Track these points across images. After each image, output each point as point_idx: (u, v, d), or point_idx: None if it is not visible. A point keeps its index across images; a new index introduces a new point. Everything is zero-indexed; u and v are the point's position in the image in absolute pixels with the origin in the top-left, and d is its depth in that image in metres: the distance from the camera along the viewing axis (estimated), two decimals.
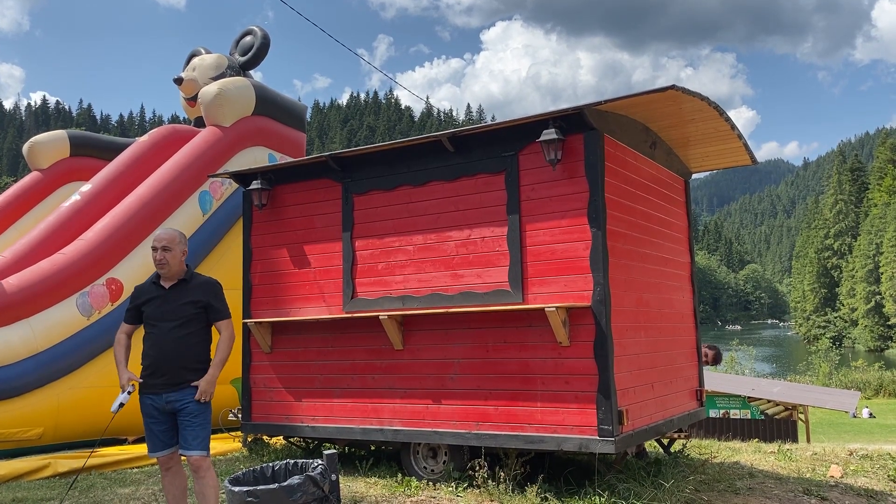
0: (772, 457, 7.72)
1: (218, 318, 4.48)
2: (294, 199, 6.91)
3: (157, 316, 4.38)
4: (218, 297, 4.50)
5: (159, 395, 4.32)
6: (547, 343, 5.47)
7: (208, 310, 4.44)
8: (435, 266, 6.03)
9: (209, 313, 4.46)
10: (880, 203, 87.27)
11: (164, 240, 4.43)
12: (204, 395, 4.34)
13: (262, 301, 6.97)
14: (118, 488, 6.06)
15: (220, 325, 4.50)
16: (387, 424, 6.13)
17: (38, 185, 11.34)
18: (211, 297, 4.46)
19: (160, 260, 4.41)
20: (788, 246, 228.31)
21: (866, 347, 79.77)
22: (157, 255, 4.42)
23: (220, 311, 4.49)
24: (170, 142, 10.52)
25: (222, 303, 4.52)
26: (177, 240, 4.47)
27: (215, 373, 4.41)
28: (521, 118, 5.67)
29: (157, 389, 4.33)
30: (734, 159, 7.14)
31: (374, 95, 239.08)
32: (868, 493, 6.23)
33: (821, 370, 39.84)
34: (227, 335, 4.48)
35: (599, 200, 5.39)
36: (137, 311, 4.50)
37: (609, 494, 5.23)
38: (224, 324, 4.50)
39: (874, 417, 27.94)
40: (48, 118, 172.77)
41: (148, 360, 4.36)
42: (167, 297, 4.41)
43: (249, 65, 11.51)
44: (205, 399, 4.36)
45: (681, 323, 6.85)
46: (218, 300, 4.49)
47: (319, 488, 3.57)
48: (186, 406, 4.31)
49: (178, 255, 4.46)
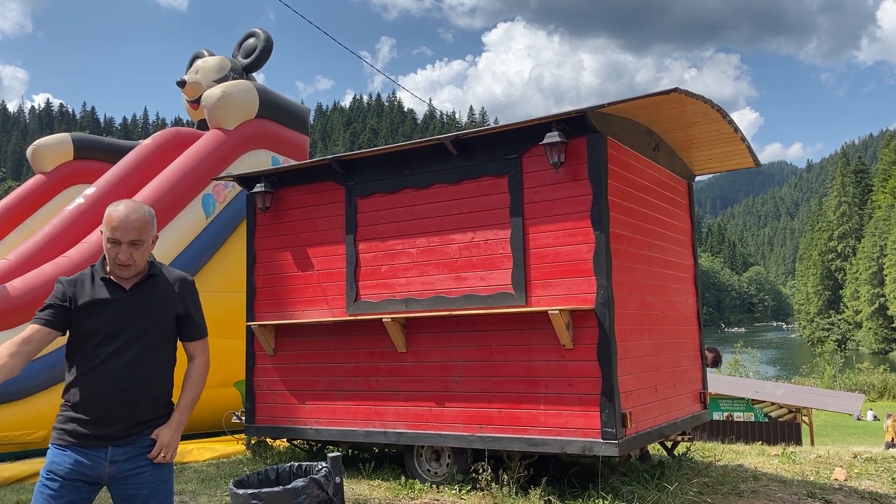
0: (776, 459, 7.70)
1: (195, 335, 3.06)
2: (297, 201, 6.92)
3: (110, 331, 2.83)
4: (197, 304, 3.09)
5: (100, 450, 2.79)
6: (550, 346, 5.47)
7: (185, 323, 3.02)
8: (438, 269, 6.04)
9: (184, 328, 3.03)
10: (884, 205, 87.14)
11: (132, 229, 2.82)
12: (166, 452, 2.87)
13: (266, 304, 6.98)
14: None
15: (196, 346, 3.06)
16: (390, 427, 6.14)
17: (41, 188, 11.37)
18: (190, 304, 3.03)
19: (124, 261, 2.83)
20: (792, 248, 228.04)
21: (870, 350, 79.61)
22: (122, 255, 2.83)
23: (199, 327, 3.07)
24: (173, 145, 10.55)
25: (202, 314, 3.11)
26: (149, 227, 2.89)
27: (183, 419, 2.96)
28: (525, 121, 5.67)
29: (99, 442, 2.79)
30: (737, 162, 7.15)
31: (376, 98, 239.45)
32: (872, 497, 6.21)
33: (825, 373, 39.78)
34: (202, 363, 3.06)
35: (603, 203, 5.39)
36: (64, 315, 2.84)
37: (613, 497, 5.23)
38: (200, 346, 3.08)
39: (879, 420, 27.87)
40: (52, 121, 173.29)
41: (91, 400, 2.79)
42: (128, 302, 2.88)
43: (252, 67, 11.54)
44: (166, 457, 2.88)
45: (684, 325, 6.85)
46: (198, 309, 3.08)
47: (324, 491, 3.57)
48: (141, 474, 2.82)
49: (149, 249, 2.92)
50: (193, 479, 6.48)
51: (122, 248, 2.82)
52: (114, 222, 2.82)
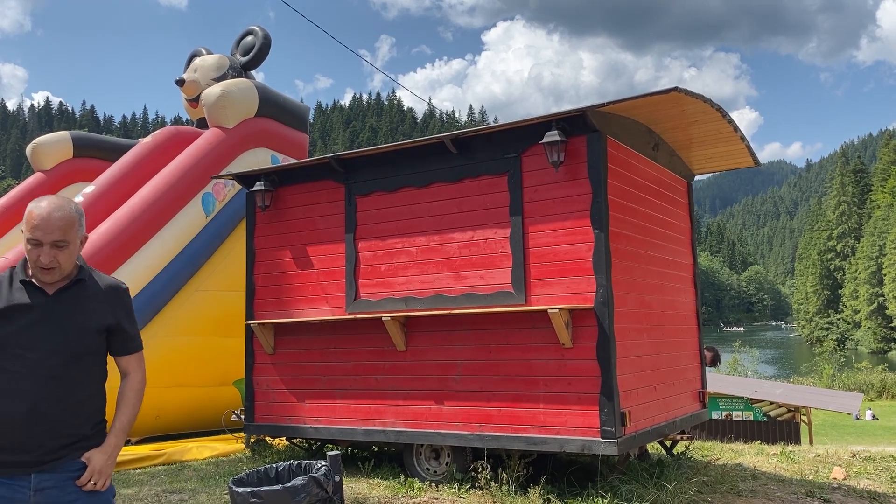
0: (775, 459, 7.71)
1: (128, 348, 2.71)
2: (297, 200, 6.92)
3: (27, 342, 2.46)
4: (131, 314, 2.74)
5: (22, 478, 2.44)
6: (550, 345, 5.47)
7: (116, 335, 2.66)
8: (438, 267, 6.04)
9: (115, 341, 2.67)
10: (883, 205, 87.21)
11: (56, 228, 2.49)
12: (97, 479, 2.52)
13: (266, 302, 6.98)
14: (121, 489, 6.06)
15: (130, 361, 2.72)
16: (389, 425, 6.14)
17: (41, 186, 11.36)
18: (122, 314, 2.67)
19: (46, 264, 2.49)
20: (791, 248, 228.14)
21: (869, 349, 79.66)
22: (44, 257, 2.49)
23: (132, 339, 2.72)
24: (173, 143, 10.54)
25: (135, 325, 2.77)
26: (76, 225, 2.55)
27: (119, 442, 2.64)
28: (524, 120, 5.68)
29: (20, 469, 2.43)
30: (737, 161, 7.15)
31: (376, 96, 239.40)
32: (871, 496, 6.22)
33: (824, 372, 39.81)
34: (137, 380, 2.72)
35: (602, 202, 5.40)
36: None
37: (612, 496, 5.23)
38: (135, 360, 2.73)
39: (877, 419, 27.88)
40: (51, 119, 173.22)
41: (6, 422, 2.42)
42: (50, 309, 2.52)
43: (251, 65, 11.53)
44: (97, 485, 2.53)
45: (683, 324, 6.85)
46: (131, 320, 2.73)
47: (323, 489, 3.57)
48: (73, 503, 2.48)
49: (76, 251, 2.57)
50: (192, 477, 6.49)
51: (44, 249, 2.48)
52: (34, 220, 2.48)
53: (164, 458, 7.40)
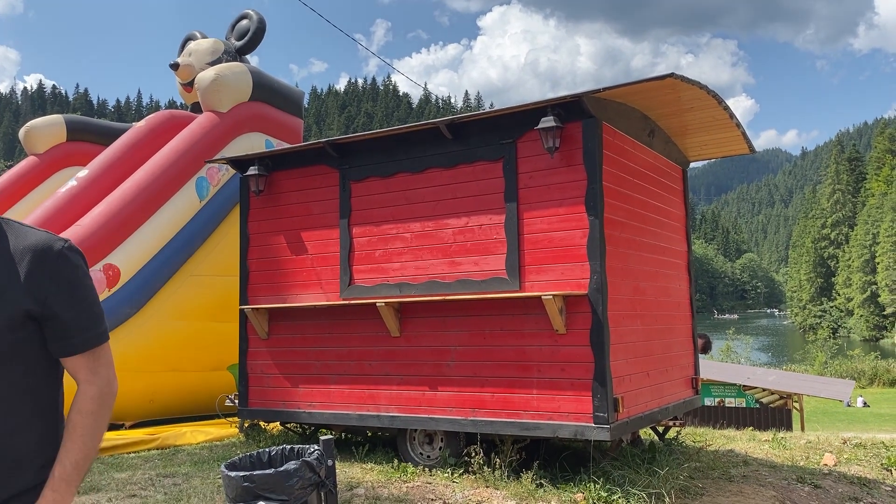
0: (766, 445, 7.76)
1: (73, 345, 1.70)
2: (291, 185, 6.90)
3: None
4: (73, 292, 1.68)
5: None
6: (543, 331, 5.48)
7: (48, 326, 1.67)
8: (432, 253, 6.03)
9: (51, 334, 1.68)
10: (877, 193, 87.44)
11: None
12: None
13: (260, 287, 6.97)
14: (115, 473, 6.07)
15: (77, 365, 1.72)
16: (383, 411, 6.15)
17: (34, 169, 11.30)
18: (52, 291, 1.65)
19: None
20: (785, 235, 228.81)
21: (861, 337, 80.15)
22: None
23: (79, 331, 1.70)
24: (167, 127, 10.48)
25: (86, 307, 1.71)
26: None
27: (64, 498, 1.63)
28: (520, 105, 5.65)
29: None
30: (732, 148, 7.14)
31: (371, 81, 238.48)
32: (861, 482, 6.27)
33: (816, 359, 40.03)
34: (94, 393, 1.71)
35: (597, 188, 5.39)
36: None
37: (604, 481, 5.26)
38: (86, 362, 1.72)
39: (868, 406, 28.09)
40: (44, 102, 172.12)
41: None
42: None
43: (245, 49, 11.45)
44: None
45: (677, 311, 6.87)
46: (73, 300, 1.68)
47: (316, 473, 3.58)
48: None
49: None
50: (186, 461, 6.50)
51: None
52: None
53: (157, 442, 7.42)
